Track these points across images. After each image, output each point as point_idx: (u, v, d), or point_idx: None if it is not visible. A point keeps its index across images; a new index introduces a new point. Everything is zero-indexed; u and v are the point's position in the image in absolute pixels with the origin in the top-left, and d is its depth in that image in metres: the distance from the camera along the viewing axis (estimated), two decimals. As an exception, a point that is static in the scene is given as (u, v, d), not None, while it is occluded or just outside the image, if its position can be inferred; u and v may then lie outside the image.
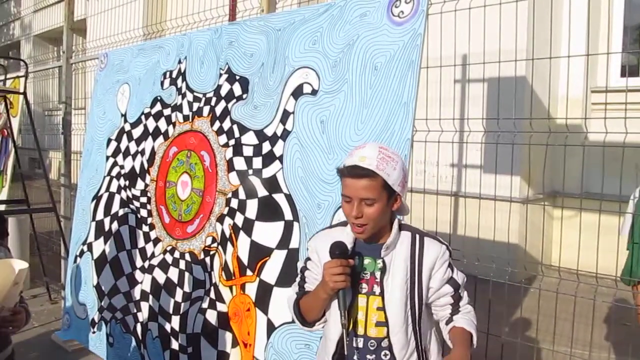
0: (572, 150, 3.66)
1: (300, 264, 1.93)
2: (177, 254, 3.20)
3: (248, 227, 2.79)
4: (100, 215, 3.89)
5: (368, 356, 1.73)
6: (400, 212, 1.79)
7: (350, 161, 1.66)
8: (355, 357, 1.73)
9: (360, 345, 1.73)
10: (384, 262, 1.73)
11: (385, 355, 1.73)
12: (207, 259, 3.00)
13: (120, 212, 3.71)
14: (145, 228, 3.49)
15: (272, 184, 2.72)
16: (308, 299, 1.82)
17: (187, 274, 3.11)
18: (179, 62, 3.48)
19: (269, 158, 2.76)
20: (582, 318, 2.92)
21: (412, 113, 2.28)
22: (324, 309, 1.80)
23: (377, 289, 1.73)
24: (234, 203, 2.88)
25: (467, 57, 3.54)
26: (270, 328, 2.63)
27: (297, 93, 2.70)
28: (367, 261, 1.75)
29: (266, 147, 2.78)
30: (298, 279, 1.92)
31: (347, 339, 1.69)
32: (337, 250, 1.68)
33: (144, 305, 3.37)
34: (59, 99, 10.59)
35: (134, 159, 3.69)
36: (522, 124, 3.38)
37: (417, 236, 1.77)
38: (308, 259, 1.88)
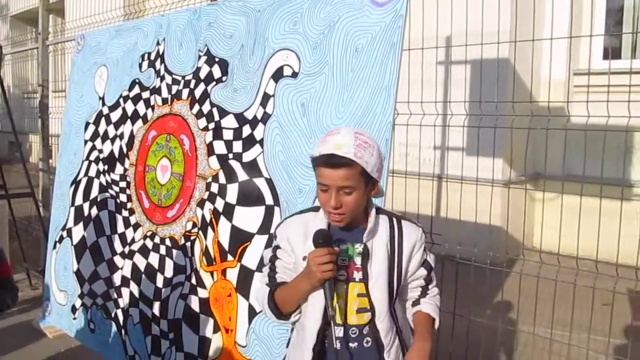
0: (554, 132, 3.67)
1: (267, 253, 1.84)
2: (157, 239, 3.17)
3: (229, 211, 2.76)
4: (79, 200, 3.83)
5: (350, 344, 1.70)
6: (376, 195, 1.75)
7: (325, 149, 1.57)
8: (337, 346, 1.68)
9: (341, 334, 1.69)
10: (365, 247, 1.69)
11: (367, 342, 1.71)
12: (188, 244, 2.97)
13: (100, 197, 3.65)
14: (125, 213, 3.44)
15: (252, 168, 2.69)
16: (286, 290, 1.73)
17: (167, 260, 3.08)
18: (157, 43, 3.41)
19: (249, 142, 2.71)
20: (562, 299, 2.94)
21: (393, 96, 2.25)
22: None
23: (357, 275, 1.69)
24: (214, 187, 2.84)
25: (449, 39, 3.51)
26: (252, 313, 2.61)
27: (278, 75, 2.65)
28: (345, 247, 1.70)
29: (246, 130, 2.74)
30: (267, 270, 1.81)
31: (332, 329, 1.62)
32: (321, 238, 1.62)
33: (125, 291, 3.34)
34: (37, 82, 10.41)
35: (112, 143, 3.62)
36: (504, 107, 3.37)
37: (395, 220, 1.75)
38: (277, 247, 1.78)
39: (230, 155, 2.79)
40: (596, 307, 2.86)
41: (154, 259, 3.17)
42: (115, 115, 3.64)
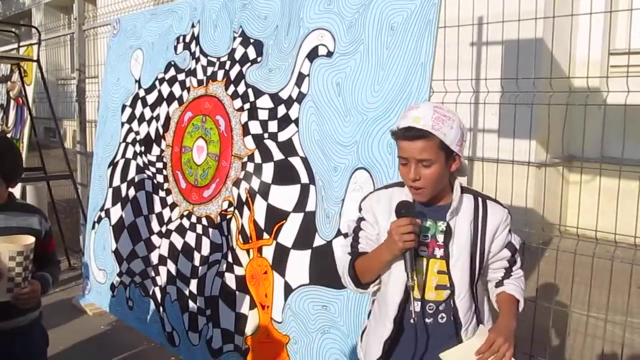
0: (590, 114, 3.60)
1: (351, 224, 1.86)
2: (194, 219, 3.23)
3: (264, 190, 2.80)
4: (117, 181, 3.92)
5: (426, 319, 1.71)
6: (459, 172, 1.74)
7: (404, 123, 1.59)
8: (412, 320, 1.67)
9: (418, 308, 1.70)
10: (448, 225, 1.68)
11: (442, 318, 1.71)
12: (224, 223, 3.02)
13: (137, 178, 3.74)
14: (162, 193, 3.51)
15: (288, 148, 2.72)
16: (366, 260, 1.75)
17: (204, 238, 3.14)
18: (192, 26, 3.45)
19: (285, 121, 2.74)
20: (597, 281, 2.91)
21: (429, 73, 2.25)
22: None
23: (438, 252, 1.69)
24: (250, 167, 2.88)
25: (484, 18, 3.47)
26: (288, 290, 2.66)
27: (312, 55, 2.67)
28: (427, 223, 1.70)
29: (281, 110, 2.77)
30: (350, 240, 1.84)
31: (412, 299, 1.63)
32: (404, 209, 1.62)
33: (162, 270, 3.42)
34: (71, 67, 10.59)
35: (149, 125, 3.69)
36: (540, 86, 3.32)
37: (480, 199, 1.73)
38: (362, 219, 1.80)
39: (266, 135, 2.82)
40: (633, 290, 2.83)
41: (190, 237, 3.24)
42: (151, 98, 3.70)
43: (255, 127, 2.89)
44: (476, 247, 1.69)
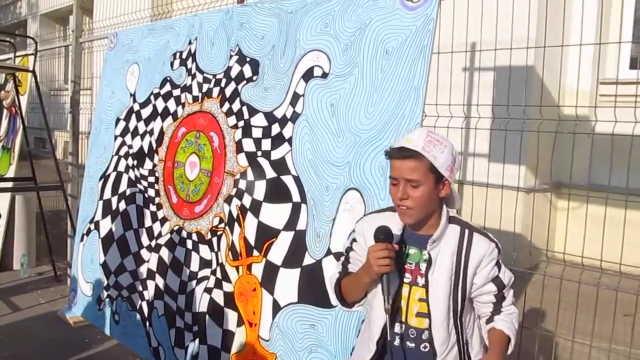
0: (579, 141, 3.66)
1: (345, 244, 1.92)
2: (184, 234, 3.23)
3: (255, 208, 2.81)
4: (107, 194, 3.92)
5: (408, 343, 1.74)
6: (449, 203, 1.76)
7: (397, 143, 1.67)
8: (396, 343, 1.73)
9: (402, 331, 1.74)
10: (429, 255, 1.71)
11: (425, 347, 1.73)
12: (214, 239, 3.03)
13: (128, 192, 3.74)
14: (153, 207, 3.51)
15: (280, 166, 2.74)
16: (350, 280, 1.82)
17: (193, 254, 3.14)
18: (190, 42, 3.48)
19: (278, 140, 2.77)
20: (583, 308, 2.93)
21: (422, 98, 2.28)
22: (366, 292, 1.80)
23: (420, 281, 1.72)
24: (242, 184, 2.90)
25: (477, 45, 3.54)
26: (276, 308, 2.66)
27: (308, 76, 2.71)
28: (412, 251, 1.74)
29: (275, 129, 2.80)
30: (342, 259, 1.91)
31: (390, 324, 1.67)
32: (382, 234, 1.66)
33: (150, 284, 3.41)
34: (65, 79, 10.60)
35: (142, 139, 3.70)
36: (530, 113, 3.37)
37: (467, 231, 1.73)
38: (354, 240, 1.86)
39: (259, 153, 2.85)
40: (618, 317, 2.85)
41: (180, 252, 3.23)
42: (145, 112, 3.72)
43: (248, 145, 2.92)
44: (458, 279, 1.70)
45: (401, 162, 1.63)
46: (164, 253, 3.34)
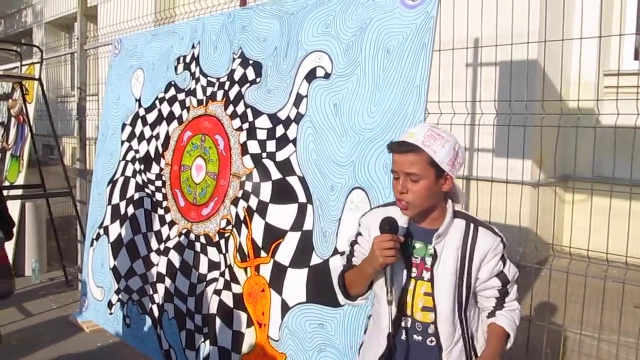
0: (584, 134, 3.66)
1: (351, 239, 1.93)
2: (192, 237, 3.26)
3: (262, 209, 2.84)
4: (116, 199, 3.95)
5: (415, 337, 1.75)
6: (454, 198, 1.77)
7: (399, 139, 1.69)
8: (403, 337, 1.74)
9: (409, 325, 1.75)
10: (435, 250, 1.72)
11: (432, 341, 1.74)
12: (222, 242, 3.05)
13: (136, 196, 3.77)
14: (161, 211, 3.54)
15: (286, 167, 2.76)
16: (354, 273, 1.83)
17: (202, 256, 3.17)
18: (193, 47, 3.51)
19: (283, 141, 2.79)
20: (591, 301, 2.94)
21: (424, 96, 2.30)
22: (370, 285, 1.82)
23: (426, 275, 1.73)
24: (249, 186, 2.93)
25: (479, 41, 3.55)
26: (285, 308, 2.68)
27: (311, 77, 2.73)
28: (418, 246, 1.75)
29: (280, 130, 2.82)
30: (347, 252, 1.92)
31: (394, 316, 1.69)
32: (388, 225, 1.67)
33: (160, 287, 3.44)
34: (71, 86, 10.67)
35: (149, 144, 3.74)
36: (534, 107, 3.38)
37: (472, 225, 1.74)
38: (359, 234, 1.87)
39: (264, 155, 2.87)
40: (628, 310, 2.85)
41: (189, 255, 3.26)
42: (151, 117, 3.76)
43: (254, 147, 2.94)
44: (463, 274, 1.71)
45: (401, 157, 1.65)
46: (173, 256, 3.38)
